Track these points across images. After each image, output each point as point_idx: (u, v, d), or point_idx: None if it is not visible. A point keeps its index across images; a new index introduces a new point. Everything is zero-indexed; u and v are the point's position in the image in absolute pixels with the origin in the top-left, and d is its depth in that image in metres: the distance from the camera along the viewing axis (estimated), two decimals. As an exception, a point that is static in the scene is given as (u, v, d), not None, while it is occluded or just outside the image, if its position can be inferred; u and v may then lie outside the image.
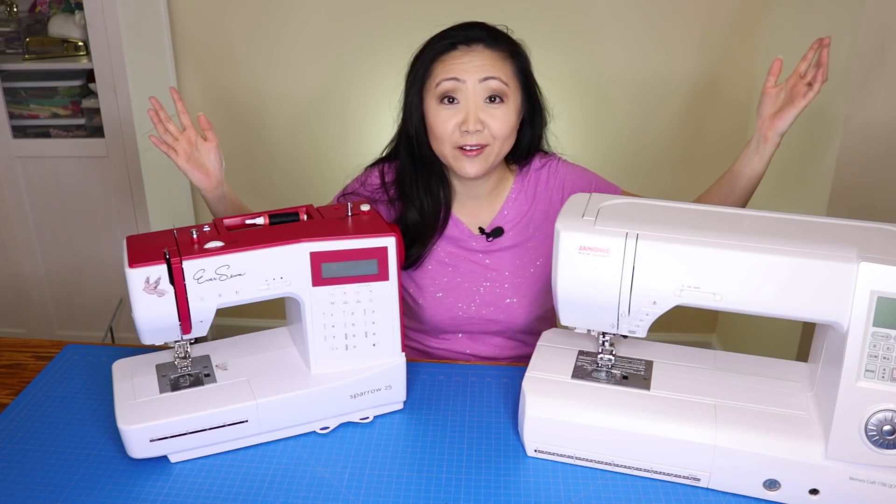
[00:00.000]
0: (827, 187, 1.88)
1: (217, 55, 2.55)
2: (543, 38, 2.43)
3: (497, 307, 1.37)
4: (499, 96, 1.26)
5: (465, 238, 1.38)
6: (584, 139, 2.52)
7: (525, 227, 1.39)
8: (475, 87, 1.25)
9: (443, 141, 1.28)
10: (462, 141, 1.26)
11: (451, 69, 1.26)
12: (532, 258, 1.38)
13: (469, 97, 1.25)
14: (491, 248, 1.38)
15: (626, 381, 1.07)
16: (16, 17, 2.41)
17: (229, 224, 1.08)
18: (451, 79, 1.25)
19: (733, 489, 0.99)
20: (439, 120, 1.27)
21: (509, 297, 1.37)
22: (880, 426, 0.90)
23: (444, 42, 1.28)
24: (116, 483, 1.01)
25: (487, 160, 1.28)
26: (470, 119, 1.25)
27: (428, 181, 1.36)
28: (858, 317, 0.89)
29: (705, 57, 2.41)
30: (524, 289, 1.37)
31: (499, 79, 1.26)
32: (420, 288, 1.38)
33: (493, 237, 1.37)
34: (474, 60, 1.25)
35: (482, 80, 1.25)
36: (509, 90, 1.27)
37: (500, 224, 1.38)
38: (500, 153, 1.30)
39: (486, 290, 1.37)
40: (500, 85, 1.26)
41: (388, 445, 1.09)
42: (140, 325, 1.00)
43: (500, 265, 1.38)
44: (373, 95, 2.53)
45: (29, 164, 2.40)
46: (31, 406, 1.16)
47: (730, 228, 0.97)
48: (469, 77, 1.25)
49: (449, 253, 1.38)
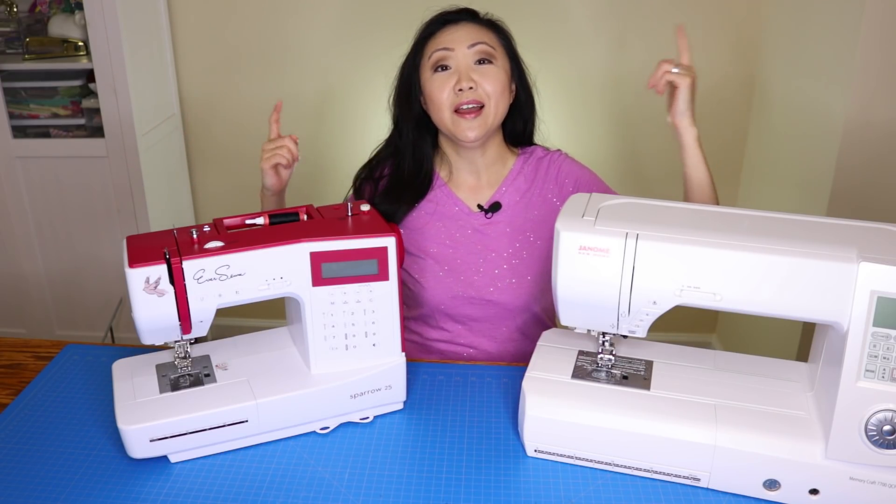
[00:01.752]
0: (827, 187, 1.88)
1: (217, 55, 2.55)
2: (543, 37, 2.43)
3: (497, 288, 1.38)
4: (487, 59, 1.35)
5: (464, 216, 1.42)
6: (582, 139, 2.52)
7: (524, 207, 1.42)
8: (465, 53, 1.34)
9: (441, 107, 1.35)
10: (458, 100, 1.33)
11: (442, 41, 1.36)
12: (531, 240, 1.41)
13: (460, 61, 1.34)
14: (489, 225, 1.41)
15: (626, 381, 1.07)
16: (16, 17, 2.41)
17: (229, 224, 1.08)
18: (441, 49, 1.35)
19: (733, 489, 0.99)
20: (435, 86, 1.35)
21: (508, 278, 1.39)
22: (880, 426, 0.90)
23: (434, 22, 1.40)
24: (116, 483, 1.01)
25: (486, 121, 1.35)
26: (462, 78, 1.33)
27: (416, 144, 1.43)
28: (858, 317, 0.89)
29: (705, 57, 2.41)
30: (522, 270, 1.39)
31: (485, 42, 1.35)
32: (422, 269, 1.40)
33: (491, 212, 1.41)
34: (461, 30, 1.36)
35: (470, 45, 1.34)
36: (497, 53, 1.36)
37: (498, 199, 1.42)
38: (496, 114, 1.36)
39: (486, 269, 1.39)
40: (487, 48, 1.35)
41: (388, 445, 1.09)
42: (140, 325, 1.00)
43: (499, 245, 1.40)
44: (374, 96, 2.53)
45: (29, 164, 2.40)
46: (31, 406, 1.16)
47: (730, 228, 0.97)
48: (458, 45, 1.34)
49: (449, 232, 1.41)
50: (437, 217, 1.42)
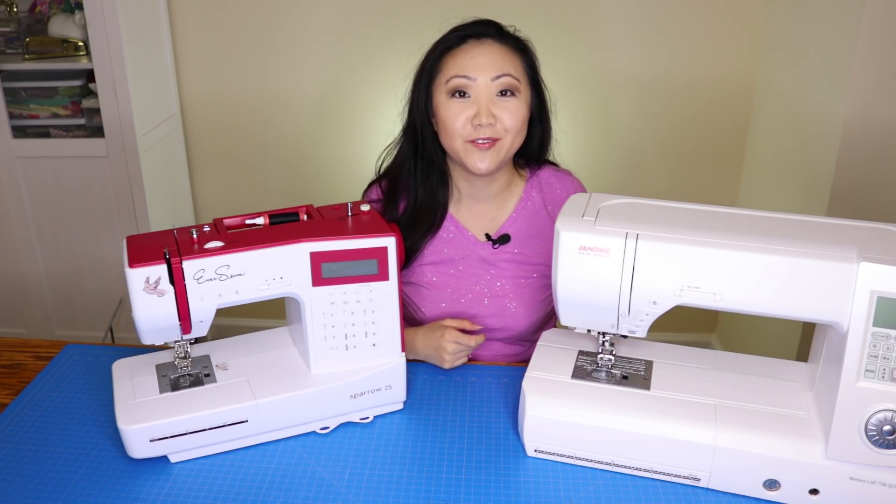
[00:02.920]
0: (827, 187, 1.88)
1: (217, 55, 2.55)
2: (544, 36, 2.43)
3: (500, 316, 1.35)
4: (510, 90, 1.26)
5: (471, 245, 1.36)
6: (583, 139, 2.51)
7: (532, 236, 1.37)
8: (487, 84, 1.25)
9: (454, 136, 1.27)
10: (474, 135, 1.25)
11: (463, 66, 1.25)
12: (536, 268, 1.37)
13: (481, 92, 1.25)
14: (496, 255, 1.36)
15: (626, 381, 1.07)
16: (16, 17, 2.41)
17: (229, 224, 1.08)
18: (462, 76, 1.25)
19: (733, 489, 0.99)
20: (451, 114, 1.26)
21: (511, 304, 1.35)
22: (880, 426, 0.90)
23: (455, 35, 1.28)
24: (116, 483, 1.01)
25: (499, 154, 1.27)
26: (482, 113, 1.24)
27: (427, 175, 1.35)
28: (858, 317, 0.89)
29: (705, 57, 2.41)
30: (526, 296, 1.35)
31: (510, 75, 1.26)
32: (423, 298, 1.36)
33: (499, 244, 1.36)
34: (485, 55, 1.25)
35: (494, 78, 1.25)
36: (520, 85, 1.27)
37: (507, 231, 1.37)
38: (511, 148, 1.29)
39: (491, 299, 1.35)
40: (511, 80, 1.26)
41: (388, 445, 1.09)
42: (140, 325, 1.00)
43: (505, 273, 1.36)
44: (373, 96, 2.53)
45: (29, 164, 2.40)
46: (31, 406, 1.16)
47: (730, 228, 0.97)
48: (481, 75, 1.24)
49: (454, 262, 1.36)
50: (444, 245, 1.37)
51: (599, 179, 2.53)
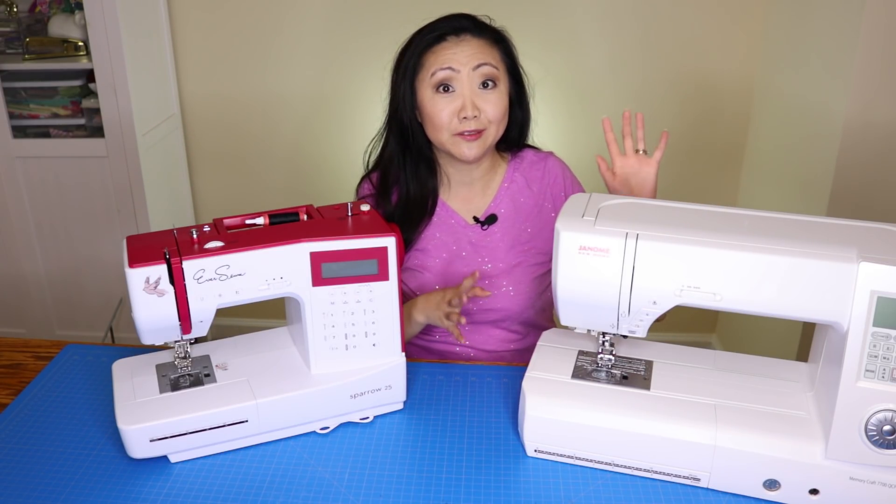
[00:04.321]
0: (827, 187, 1.88)
1: (217, 55, 2.55)
2: (544, 37, 2.43)
3: (494, 296, 1.38)
4: (491, 80, 1.32)
5: (461, 228, 1.41)
6: (584, 139, 2.51)
7: (518, 215, 1.42)
8: (469, 74, 1.30)
9: (441, 129, 1.32)
10: (461, 128, 1.31)
11: (445, 59, 1.31)
12: (526, 247, 1.41)
13: (464, 84, 1.30)
14: (486, 236, 1.41)
15: (626, 381, 1.07)
16: (16, 17, 2.41)
17: (229, 224, 1.08)
18: (445, 68, 1.30)
19: (733, 489, 0.99)
20: (437, 109, 1.31)
21: (505, 286, 1.38)
22: (880, 426, 0.90)
23: (433, 34, 1.33)
24: (116, 483, 1.01)
25: (485, 142, 1.34)
26: (467, 106, 1.30)
27: (416, 168, 1.40)
28: (858, 317, 0.89)
29: (706, 57, 2.41)
30: (519, 275, 1.39)
31: (490, 64, 1.31)
32: (418, 282, 1.40)
33: (487, 224, 1.41)
34: (465, 49, 1.31)
35: (475, 67, 1.30)
36: (500, 73, 1.33)
37: (494, 211, 1.42)
38: (496, 136, 1.35)
39: (483, 280, 1.38)
40: (491, 70, 1.32)
41: (388, 445, 1.09)
42: (140, 325, 1.00)
43: (496, 254, 1.40)
44: (373, 96, 2.52)
45: (29, 164, 2.40)
46: (31, 406, 1.16)
47: (730, 228, 0.97)
48: (463, 66, 1.30)
49: (447, 246, 1.40)
50: (435, 230, 1.41)
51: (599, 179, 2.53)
